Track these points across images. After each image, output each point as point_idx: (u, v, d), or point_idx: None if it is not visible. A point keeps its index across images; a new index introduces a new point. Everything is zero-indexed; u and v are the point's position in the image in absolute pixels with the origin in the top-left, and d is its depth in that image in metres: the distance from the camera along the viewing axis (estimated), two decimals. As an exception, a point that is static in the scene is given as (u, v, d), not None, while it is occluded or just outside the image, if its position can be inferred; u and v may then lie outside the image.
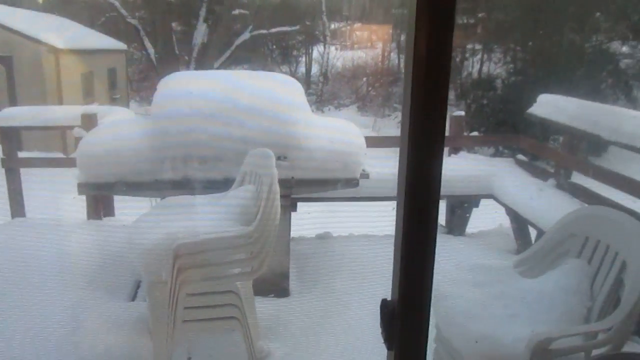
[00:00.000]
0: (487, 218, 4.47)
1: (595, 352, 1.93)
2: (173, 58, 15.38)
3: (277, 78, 3.50)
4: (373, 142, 4.04)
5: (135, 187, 3.03)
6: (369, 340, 2.81)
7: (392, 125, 16.96)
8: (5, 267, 3.50)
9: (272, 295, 3.25)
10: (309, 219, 4.18)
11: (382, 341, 0.91)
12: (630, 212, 3.06)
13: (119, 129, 3.31)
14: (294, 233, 4.33)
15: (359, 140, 3.29)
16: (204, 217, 2.56)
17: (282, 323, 2.98)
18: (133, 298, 3.31)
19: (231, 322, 2.53)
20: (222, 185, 2.97)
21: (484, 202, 4.35)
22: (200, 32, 15.74)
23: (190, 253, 2.30)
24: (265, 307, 3.04)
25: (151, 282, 2.39)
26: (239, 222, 2.48)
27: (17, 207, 4.74)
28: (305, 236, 4.32)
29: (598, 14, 10.83)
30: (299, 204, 4.14)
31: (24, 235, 4.14)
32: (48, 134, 9.24)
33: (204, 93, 3.14)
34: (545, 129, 5.66)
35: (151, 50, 16.07)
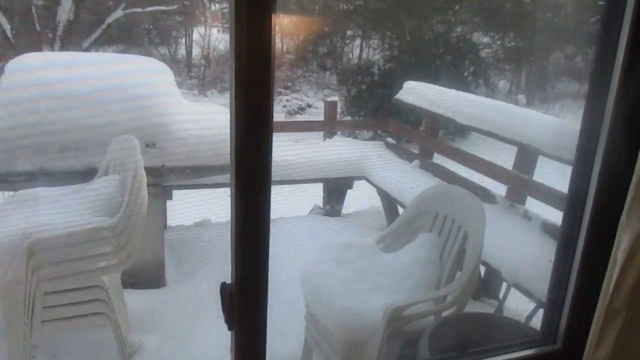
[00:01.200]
0: (361, 199, 4.72)
1: (444, 315, 2.15)
2: (34, 35, 13.95)
3: (145, 61, 3.35)
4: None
5: (-18, 180, 2.75)
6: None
7: (277, 109, 17.05)
8: None
9: (147, 286, 3.16)
10: (189, 207, 4.10)
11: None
12: (480, 188, 3.43)
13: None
14: (171, 222, 4.23)
15: (232, 126, 3.27)
16: (64, 210, 2.40)
17: (156, 314, 2.91)
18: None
19: (99, 318, 2.42)
20: (84, 175, 2.80)
21: (357, 184, 4.58)
22: (65, 8, 14.43)
23: (47, 249, 2.16)
24: (138, 299, 2.95)
25: (5, 283, 2.20)
26: (103, 214, 2.37)
27: None
28: (184, 224, 4.24)
29: (459, 6, 11.77)
30: (176, 192, 4.04)
31: None
32: None
33: (61, 77, 2.92)
34: (413, 114, 6.08)
35: (7, 27, 14.43)
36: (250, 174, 0.83)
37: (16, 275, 2.11)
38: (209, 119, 3.22)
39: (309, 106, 17.93)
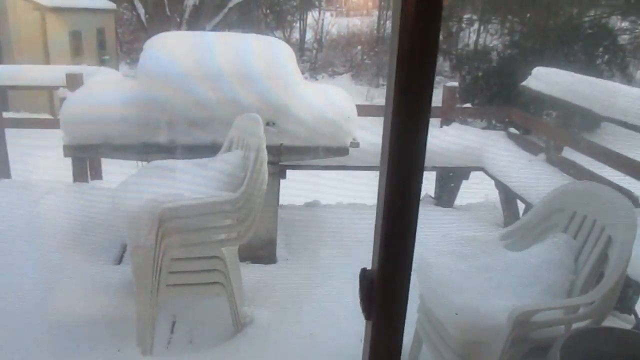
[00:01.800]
0: (476, 191, 4.47)
1: (575, 326, 1.95)
2: (164, 19, 15.03)
3: (268, 42, 3.40)
4: (366, 110, 3.99)
5: (121, 150, 2.97)
6: (352, 308, 2.82)
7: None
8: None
9: (259, 261, 3.25)
10: (298, 187, 4.15)
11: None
12: (619, 189, 3.07)
13: (104, 89, 3.22)
14: (282, 200, 4.32)
15: (350, 108, 3.23)
16: (190, 182, 2.52)
17: (267, 289, 2.99)
18: (119, 261, 3.30)
19: (216, 287, 2.53)
20: (209, 149, 2.92)
21: (473, 175, 4.34)
22: (192, -7, 15.34)
23: (175, 218, 2.28)
24: (251, 273, 3.04)
25: (135, 247, 2.36)
26: (225, 188, 2.45)
27: (3, 168, 4.66)
28: (294, 204, 4.31)
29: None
30: (289, 171, 4.11)
31: (8, 197, 4.08)
32: (35, 94, 9.06)
33: (192, 55, 3.06)
34: (539, 102, 5.62)
35: (141, 11, 15.67)
36: (404, 160, 0.76)
37: (148, 240, 2.24)
38: (329, 100, 3.20)
39: (420, 93, 17.48)
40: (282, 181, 4.12)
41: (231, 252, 2.57)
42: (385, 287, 0.83)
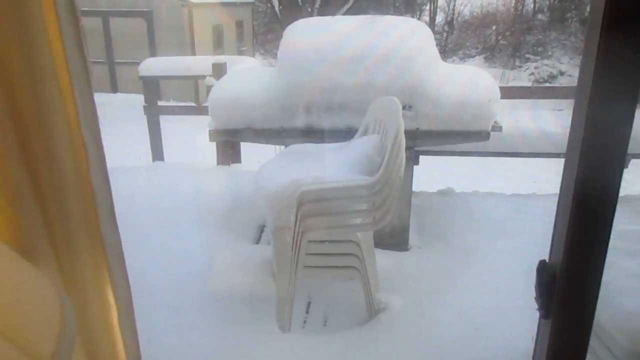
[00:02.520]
0: (635, 180, 3.95)
1: None
2: (297, 10, 15.52)
3: (405, 22, 3.30)
4: (505, 93, 3.71)
5: (261, 134, 3.10)
6: (492, 301, 2.67)
7: (523, 77, 15.67)
8: (147, 207, 3.85)
9: (391, 248, 3.20)
10: (434, 173, 4.01)
11: (536, 304, 0.80)
12: None
13: (247, 77, 3.38)
14: (414, 187, 4.22)
15: (493, 89, 3.02)
16: (328, 165, 2.54)
17: (400, 277, 2.93)
18: (257, 241, 3.46)
19: (351, 271, 2.53)
20: (344, 134, 2.92)
21: (634, 163, 3.83)
22: (328, -16, 15.61)
23: (313, 200, 2.30)
24: (383, 260, 3.00)
25: (276, 227, 2.45)
26: (362, 172, 2.43)
27: (157, 152, 5.17)
28: (427, 191, 4.18)
29: None
30: (422, 157, 3.99)
31: (163, 178, 4.51)
32: (181, 83, 9.90)
33: (329, 39, 3.07)
34: None
35: (275, 3, 16.32)
36: (602, 148, 0.64)
37: (287, 222, 2.30)
38: (470, 81, 3.02)
39: (562, 73, 15.99)
40: (415, 167, 4.02)
41: (367, 237, 2.55)
42: (572, 283, 0.72)
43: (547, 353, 0.77)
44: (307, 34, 3.18)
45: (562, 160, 2.92)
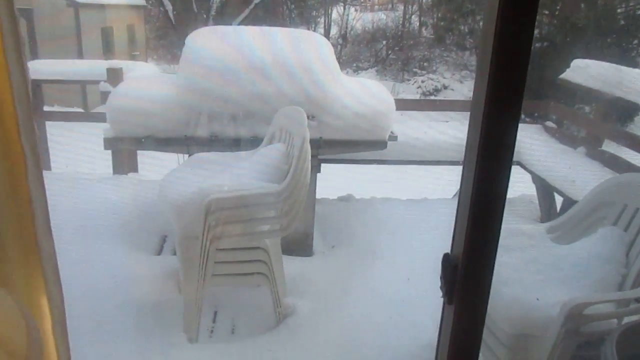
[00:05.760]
0: (512, 185, 4.42)
1: (627, 320, 1.92)
2: (191, 15, 15.16)
3: (306, 35, 3.42)
4: (398, 104, 3.98)
5: (164, 142, 3.03)
6: (396, 296, 2.84)
7: (412, 90, 16.70)
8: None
9: (296, 254, 3.28)
10: (334, 181, 4.17)
11: (441, 292, 0.91)
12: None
13: (148, 84, 3.28)
14: (317, 194, 4.35)
15: (389, 101, 3.23)
16: (235, 174, 2.56)
17: (306, 282, 3.01)
18: (159, 252, 3.36)
19: (259, 278, 2.57)
20: (249, 143, 2.96)
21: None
22: (220, -11, 15.44)
23: (222, 208, 2.32)
24: (289, 265, 3.07)
25: (183, 236, 2.42)
26: (269, 180, 2.48)
27: (44, 160, 4.79)
28: (328, 197, 4.33)
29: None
30: (324, 165, 4.12)
31: (50, 189, 4.19)
32: (67, 89, 9.23)
33: (233, 49, 3.09)
34: (574, 95, 5.51)
35: (169, 7, 15.82)
36: (494, 154, 0.77)
37: (195, 231, 2.29)
38: (368, 94, 3.20)
39: (445, 87, 17.27)
40: (317, 175, 4.15)
41: (274, 243, 2.60)
42: (470, 272, 0.84)
43: (451, 334, 0.88)
44: (210, 43, 3.17)
45: (451, 167, 3.21)
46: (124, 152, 4.33)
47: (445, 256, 0.89)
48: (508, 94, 0.76)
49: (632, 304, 1.93)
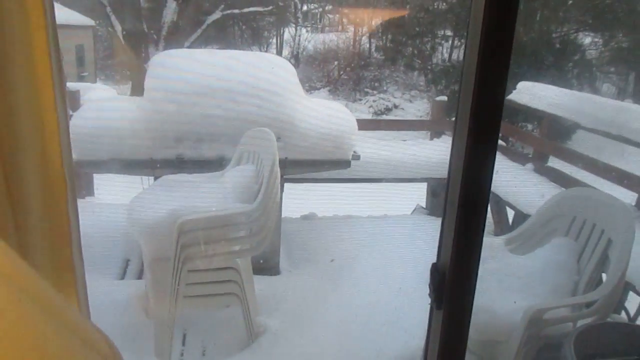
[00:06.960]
0: (466, 200, 4.62)
1: (581, 322, 2.08)
2: (142, 36, 14.96)
3: (270, 58, 3.51)
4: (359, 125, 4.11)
5: (129, 165, 3.01)
6: (361, 314, 2.91)
7: (364, 109, 17.08)
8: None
9: (263, 273, 3.30)
10: (297, 200, 4.24)
11: (429, 299, 0.99)
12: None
13: (110, 106, 3.26)
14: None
15: (351, 121, 3.35)
16: (204, 195, 2.58)
17: (275, 300, 3.04)
18: (122, 277, 3.30)
19: (230, 298, 2.58)
20: (216, 164, 2.99)
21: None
22: (170, 10, 15.34)
23: (194, 229, 2.33)
24: (257, 284, 3.09)
25: (153, 259, 2.41)
26: (240, 200, 2.52)
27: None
28: (291, 216, 4.38)
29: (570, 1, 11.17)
30: (287, 184, 4.18)
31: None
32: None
33: (197, 72, 3.13)
34: (520, 115, 5.85)
35: (118, 28, 15.55)
36: (477, 169, 0.87)
37: (166, 253, 2.29)
38: (330, 114, 3.31)
39: (396, 107, 17.77)
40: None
41: (245, 263, 2.63)
42: (457, 279, 0.92)
43: (441, 337, 0.96)
44: (174, 65, 3.20)
45: (411, 184, 3.35)
46: (81, 175, 4.23)
47: (433, 265, 0.97)
48: (490, 113, 0.86)
49: (584, 308, 2.09)
